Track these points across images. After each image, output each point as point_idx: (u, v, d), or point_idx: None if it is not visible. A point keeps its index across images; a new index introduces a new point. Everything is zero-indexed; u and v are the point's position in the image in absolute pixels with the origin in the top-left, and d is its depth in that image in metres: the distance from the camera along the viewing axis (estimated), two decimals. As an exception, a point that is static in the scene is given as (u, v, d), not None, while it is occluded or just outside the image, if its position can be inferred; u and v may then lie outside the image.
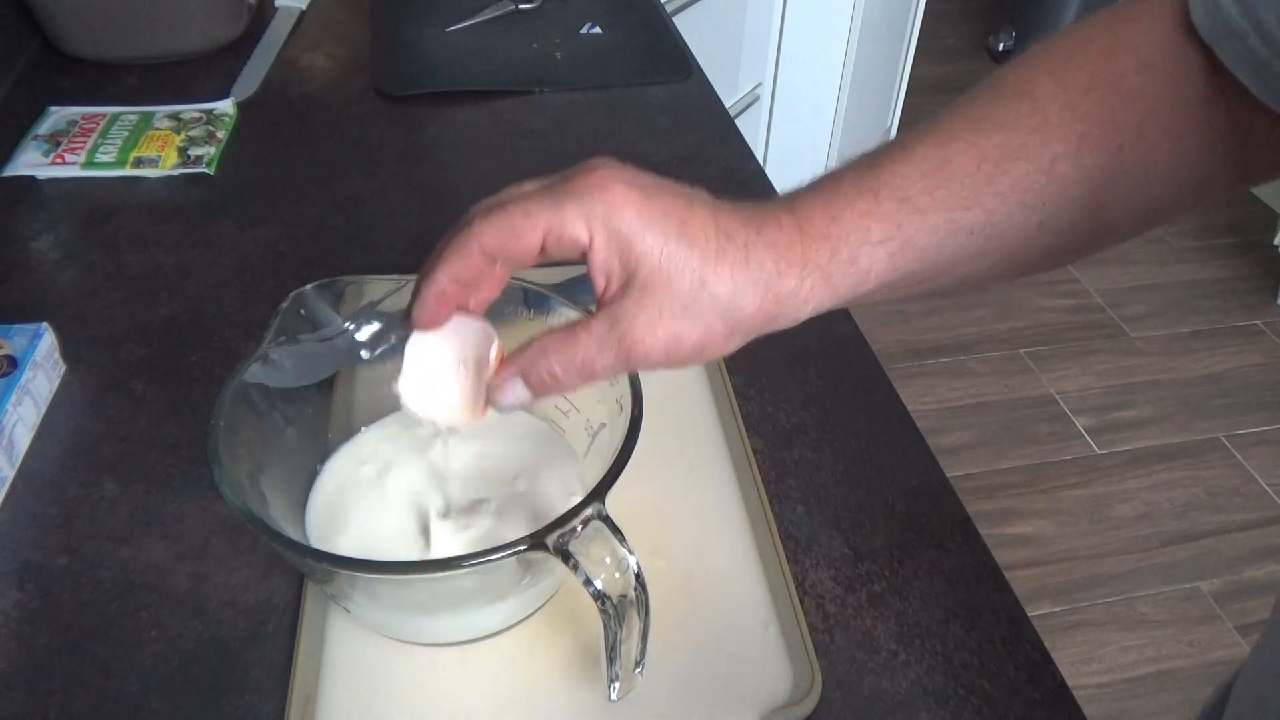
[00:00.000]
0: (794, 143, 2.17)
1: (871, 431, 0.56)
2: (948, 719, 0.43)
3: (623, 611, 0.35)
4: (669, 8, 1.23)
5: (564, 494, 0.45)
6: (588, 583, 0.35)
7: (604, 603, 0.35)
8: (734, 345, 0.35)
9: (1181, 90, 0.35)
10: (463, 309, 0.37)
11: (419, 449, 0.47)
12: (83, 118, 0.80)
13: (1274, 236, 2.15)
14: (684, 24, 1.04)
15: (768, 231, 0.34)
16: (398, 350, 0.39)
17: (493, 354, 0.38)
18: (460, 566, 0.36)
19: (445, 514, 0.44)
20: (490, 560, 0.35)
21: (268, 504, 0.40)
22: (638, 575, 0.35)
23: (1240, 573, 1.56)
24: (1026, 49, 0.38)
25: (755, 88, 1.96)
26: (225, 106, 0.82)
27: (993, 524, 1.60)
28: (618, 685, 0.38)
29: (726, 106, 0.88)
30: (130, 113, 0.80)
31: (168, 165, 0.75)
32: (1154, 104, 0.35)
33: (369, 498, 0.45)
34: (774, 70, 2.00)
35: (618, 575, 0.35)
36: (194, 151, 0.76)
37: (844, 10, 2.06)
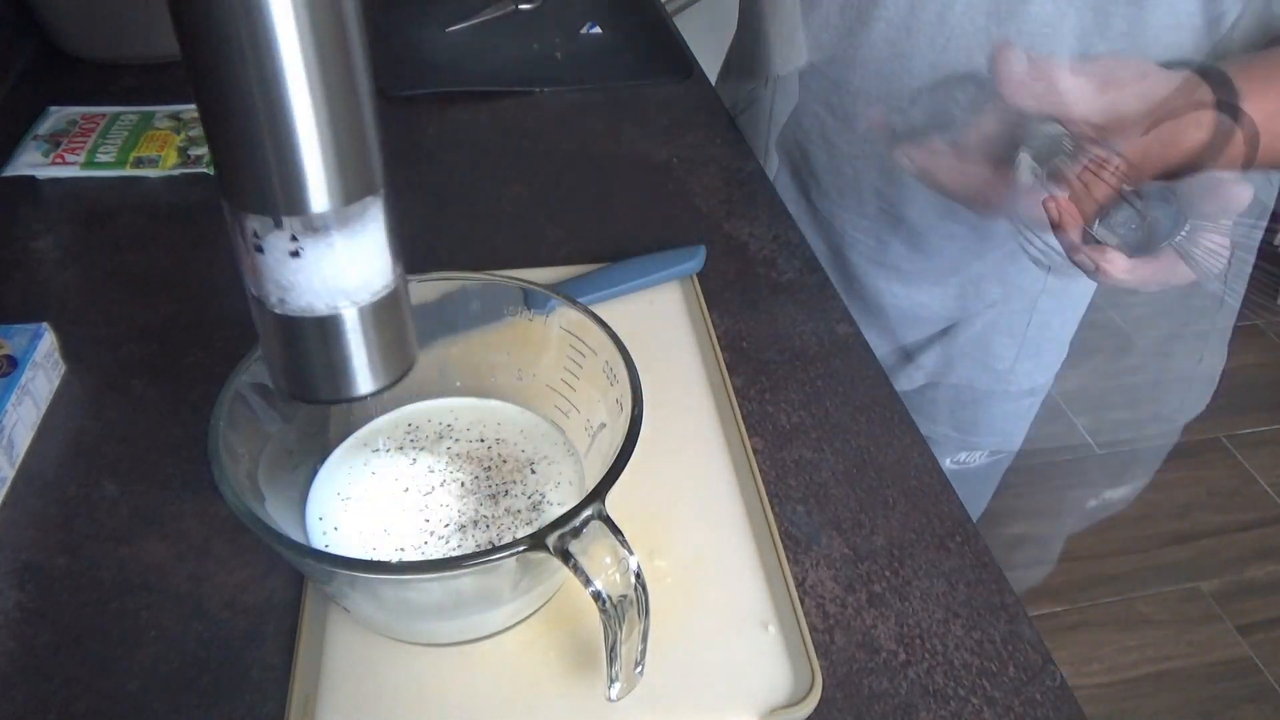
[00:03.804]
0: (794, 143, 2.16)
1: (871, 431, 0.56)
2: (948, 719, 0.43)
3: (623, 611, 0.35)
4: (669, 8, 1.23)
5: (563, 494, 0.45)
6: (588, 583, 0.35)
7: (604, 603, 0.35)
8: None
9: None
10: None
11: (419, 448, 0.47)
12: (83, 118, 0.80)
13: (1274, 236, 2.15)
14: (684, 24, 1.04)
15: None
16: None
17: None
18: (460, 566, 0.36)
19: (445, 513, 0.44)
20: (490, 560, 0.35)
21: (267, 504, 0.40)
22: (638, 575, 0.35)
23: (1240, 573, 1.56)
24: None
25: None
26: (225, 106, 0.82)
27: (993, 523, 1.60)
28: (617, 685, 0.38)
29: (727, 106, 0.88)
30: (130, 113, 0.80)
31: (168, 165, 0.75)
32: None
33: (369, 497, 0.45)
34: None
35: (618, 575, 0.35)
36: (194, 151, 0.76)
37: (844, 10, 2.05)
